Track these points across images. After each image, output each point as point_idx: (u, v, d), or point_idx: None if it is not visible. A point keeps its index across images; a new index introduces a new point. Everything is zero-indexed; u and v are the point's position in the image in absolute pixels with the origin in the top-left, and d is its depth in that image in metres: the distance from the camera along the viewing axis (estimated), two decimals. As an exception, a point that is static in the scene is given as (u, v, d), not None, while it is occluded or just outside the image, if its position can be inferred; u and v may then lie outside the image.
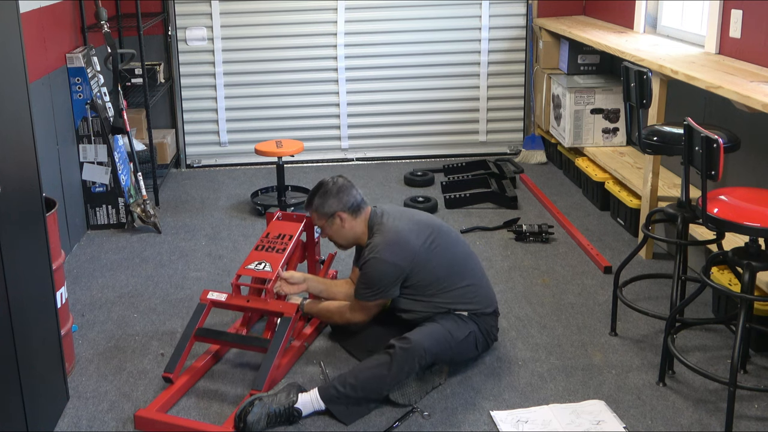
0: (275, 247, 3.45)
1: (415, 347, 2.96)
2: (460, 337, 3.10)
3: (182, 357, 3.10)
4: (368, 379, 2.92)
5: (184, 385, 3.08)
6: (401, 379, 2.95)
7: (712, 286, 2.93)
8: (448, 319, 3.13)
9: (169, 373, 3.05)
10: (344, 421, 2.88)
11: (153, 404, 2.93)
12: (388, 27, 6.13)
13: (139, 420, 2.87)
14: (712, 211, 2.76)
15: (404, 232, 3.15)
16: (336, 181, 3.24)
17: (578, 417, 2.89)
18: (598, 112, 5.41)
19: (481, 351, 3.25)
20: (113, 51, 4.83)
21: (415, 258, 3.12)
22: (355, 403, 2.90)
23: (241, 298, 3.30)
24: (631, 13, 5.34)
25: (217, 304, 3.29)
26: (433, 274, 3.15)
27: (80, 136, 4.70)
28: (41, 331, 2.82)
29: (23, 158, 2.72)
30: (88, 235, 4.80)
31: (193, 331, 3.18)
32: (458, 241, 3.30)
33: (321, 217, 3.24)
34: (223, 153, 6.27)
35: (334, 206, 3.19)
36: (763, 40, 3.83)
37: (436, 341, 3.03)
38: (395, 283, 3.14)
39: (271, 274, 3.30)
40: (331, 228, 3.25)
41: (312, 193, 3.28)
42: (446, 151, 6.34)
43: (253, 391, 2.93)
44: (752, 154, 3.77)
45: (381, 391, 2.93)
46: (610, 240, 4.56)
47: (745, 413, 2.90)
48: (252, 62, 6.12)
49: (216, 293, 3.30)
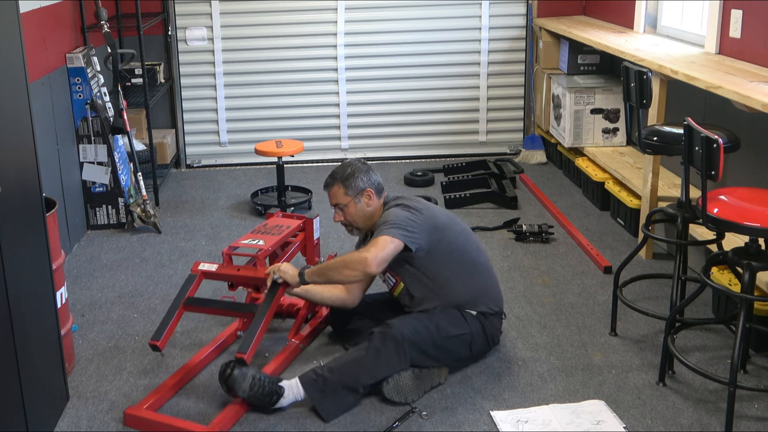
0: (271, 231, 3.47)
1: (393, 332, 2.97)
2: (450, 333, 3.08)
3: (170, 326, 3.08)
4: (346, 363, 2.95)
5: (176, 384, 3.09)
6: (380, 366, 2.94)
7: (712, 286, 2.93)
8: (445, 314, 3.11)
9: (156, 341, 3.03)
10: (322, 412, 2.88)
11: (143, 402, 2.94)
12: (388, 27, 6.13)
13: (128, 417, 2.89)
14: (712, 211, 2.76)
15: (423, 201, 3.22)
16: (363, 162, 3.27)
17: (578, 417, 2.89)
18: (598, 112, 5.41)
19: (476, 353, 3.21)
20: (113, 51, 4.84)
21: (435, 220, 3.13)
22: (332, 389, 2.90)
23: (231, 267, 3.27)
24: (631, 13, 5.34)
25: (208, 275, 3.27)
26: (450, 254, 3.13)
27: (80, 136, 4.70)
28: (41, 331, 2.82)
29: (23, 158, 2.72)
30: (88, 235, 4.80)
31: (182, 300, 3.16)
32: (472, 235, 3.33)
33: (350, 191, 3.18)
34: (223, 153, 6.28)
35: (365, 182, 3.19)
36: (763, 40, 3.83)
37: (416, 330, 3.01)
38: (414, 228, 3.04)
39: (264, 247, 3.29)
40: (356, 206, 3.19)
41: (340, 169, 3.22)
42: (446, 151, 6.34)
43: (238, 355, 2.89)
44: (752, 154, 3.77)
45: (358, 375, 2.92)
46: (610, 240, 4.56)
47: (745, 413, 2.90)
48: (252, 62, 6.13)
49: (207, 264, 3.28)
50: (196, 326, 3.61)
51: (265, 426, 2.88)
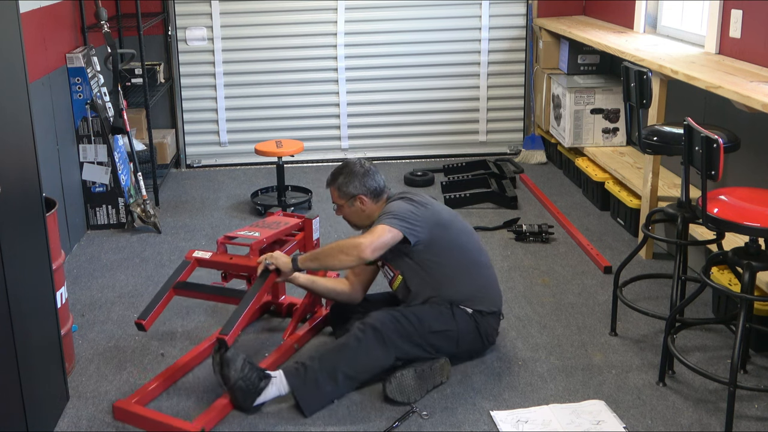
0: (269, 226, 3.51)
1: (371, 321, 3.01)
2: (434, 328, 3.09)
3: (157, 307, 3.11)
4: (327, 351, 3.01)
5: (166, 381, 3.11)
6: (360, 354, 2.96)
7: (712, 286, 2.93)
8: (431, 309, 3.13)
9: (142, 320, 3.06)
10: (302, 402, 2.90)
11: (132, 396, 2.97)
12: (388, 27, 6.13)
13: (116, 410, 2.93)
14: (712, 211, 2.76)
15: (426, 196, 3.25)
16: (363, 164, 3.29)
17: (578, 417, 2.89)
18: (598, 112, 5.41)
19: (466, 350, 3.21)
20: (113, 51, 4.84)
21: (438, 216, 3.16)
22: (312, 378, 2.92)
23: (225, 255, 3.30)
24: (631, 13, 5.34)
25: (202, 262, 3.30)
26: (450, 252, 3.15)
27: (80, 136, 4.70)
28: (41, 331, 2.82)
29: (23, 158, 2.72)
30: (88, 235, 4.80)
31: (172, 284, 3.19)
32: (474, 235, 3.35)
33: (342, 196, 3.26)
34: (223, 153, 6.28)
35: (358, 188, 3.23)
36: (763, 40, 3.83)
37: (395, 320, 3.03)
38: (415, 221, 3.08)
39: (259, 238, 3.31)
40: (350, 208, 3.27)
41: (337, 171, 3.29)
42: (446, 151, 6.34)
43: (219, 336, 2.89)
44: (752, 154, 3.77)
45: (337, 363, 2.95)
46: (610, 240, 4.56)
47: (745, 413, 2.90)
48: (252, 62, 6.13)
49: (201, 252, 3.32)
50: (196, 326, 3.62)
51: (250, 425, 2.87)
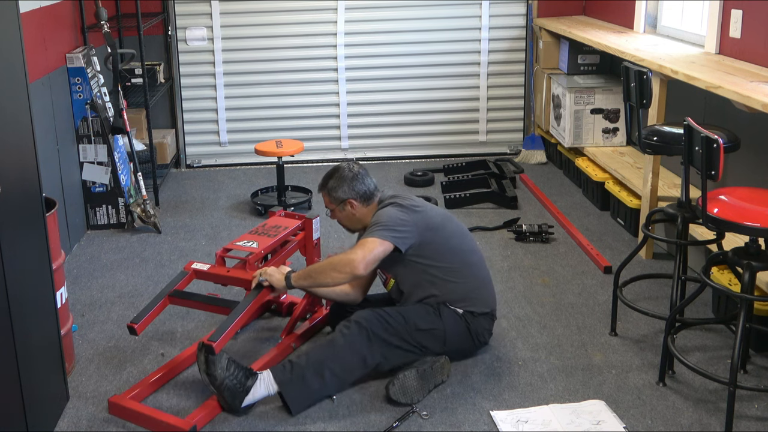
0: (268, 233, 3.51)
1: (357, 318, 3.05)
2: (419, 326, 3.10)
3: (150, 313, 3.14)
4: (314, 348, 3.05)
5: (162, 377, 3.13)
6: (346, 351, 2.99)
7: (712, 286, 2.93)
8: (418, 308, 3.15)
9: (134, 324, 3.08)
10: (288, 399, 2.90)
11: (127, 391, 2.99)
12: (388, 27, 6.13)
13: (112, 405, 2.94)
14: (712, 211, 2.76)
15: (417, 200, 3.27)
16: (352, 168, 3.30)
17: (578, 417, 2.89)
18: (598, 112, 5.41)
19: (454, 349, 3.20)
20: (113, 51, 4.84)
21: (428, 220, 3.17)
22: (299, 375, 2.93)
23: (222, 268, 3.34)
24: (631, 13, 5.34)
25: (199, 274, 3.34)
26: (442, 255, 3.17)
27: (80, 136, 4.70)
28: (41, 331, 2.82)
29: (23, 158, 2.72)
30: (88, 235, 4.80)
31: (168, 292, 3.23)
32: (468, 236, 3.35)
33: (333, 200, 3.29)
34: (223, 153, 6.28)
35: (347, 193, 3.25)
36: (763, 40, 3.83)
37: (380, 318, 3.05)
38: (404, 228, 3.10)
39: (256, 250, 3.33)
40: (341, 213, 3.31)
41: (327, 176, 3.32)
42: (446, 151, 6.34)
43: (207, 342, 2.88)
44: (752, 154, 3.77)
45: (324, 359, 2.97)
46: (610, 240, 4.56)
47: (745, 413, 2.90)
48: (252, 62, 6.12)
49: (200, 263, 3.36)
50: (196, 326, 3.62)
51: (250, 425, 2.88)
